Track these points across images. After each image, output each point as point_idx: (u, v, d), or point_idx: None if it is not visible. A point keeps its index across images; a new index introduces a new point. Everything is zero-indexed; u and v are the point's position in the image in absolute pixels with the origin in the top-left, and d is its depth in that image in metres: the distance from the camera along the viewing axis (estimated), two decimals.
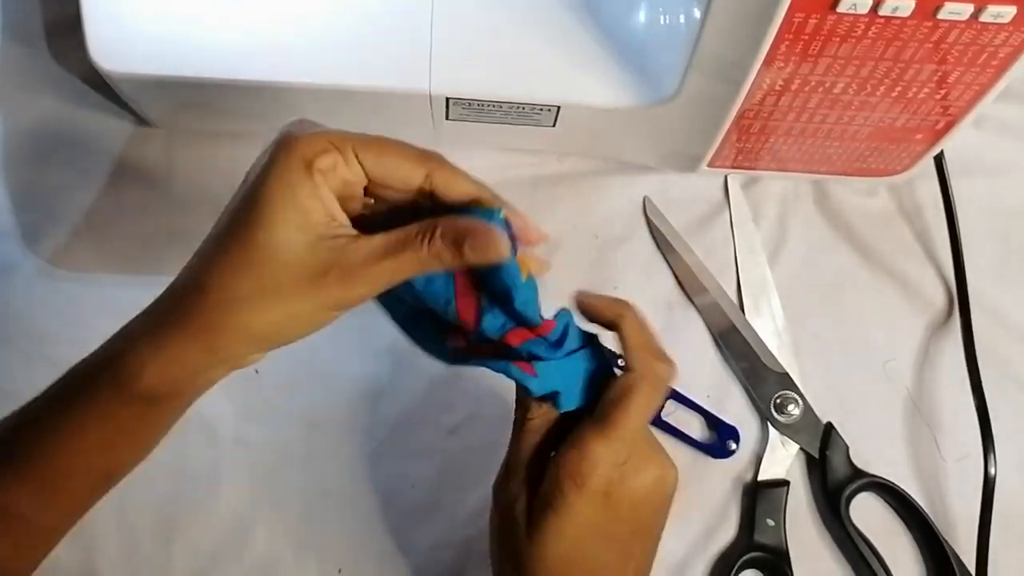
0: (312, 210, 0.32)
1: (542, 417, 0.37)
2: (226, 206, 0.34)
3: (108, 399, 0.33)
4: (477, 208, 0.34)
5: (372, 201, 0.35)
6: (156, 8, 0.48)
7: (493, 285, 0.34)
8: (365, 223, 0.34)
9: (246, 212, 0.32)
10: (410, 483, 0.51)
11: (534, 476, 0.37)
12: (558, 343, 0.36)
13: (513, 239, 0.33)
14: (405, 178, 0.34)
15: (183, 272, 0.33)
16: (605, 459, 0.35)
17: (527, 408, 0.37)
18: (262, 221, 0.31)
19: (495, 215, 0.33)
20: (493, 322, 0.35)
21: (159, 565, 0.50)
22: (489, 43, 0.48)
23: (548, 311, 0.37)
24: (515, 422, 0.38)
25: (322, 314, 0.33)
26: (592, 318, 0.38)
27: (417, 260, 0.32)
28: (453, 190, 0.34)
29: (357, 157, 0.33)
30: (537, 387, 0.35)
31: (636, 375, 0.36)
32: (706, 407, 0.53)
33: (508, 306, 0.34)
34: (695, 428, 0.53)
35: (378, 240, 0.33)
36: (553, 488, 0.35)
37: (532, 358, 0.36)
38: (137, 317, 0.34)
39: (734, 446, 0.52)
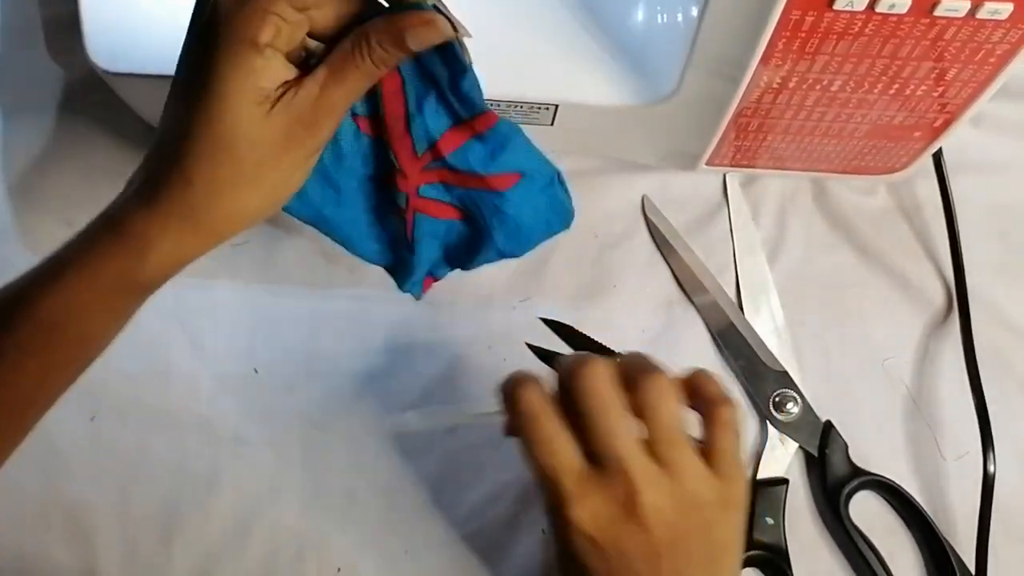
0: (265, 83, 0.32)
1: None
2: (172, 94, 0.34)
3: (110, 292, 0.34)
4: (408, 4, 0.33)
5: (316, 44, 0.34)
6: (154, 8, 0.48)
7: (439, 70, 0.34)
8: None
9: (205, 102, 0.32)
10: (410, 481, 0.51)
11: None
12: (494, 153, 0.35)
13: (452, 22, 0.33)
14: (341, 15, 0.33)
15: (157, 162, 0.34)
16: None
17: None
18: (223, 108, 0.32)
19: (425, 4, 0.33)
20: (428, 121, 0.34)
21: (159, 564, 0.50)
22: (487, 42, 0.48)
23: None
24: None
25: (302, 166, 0.34)
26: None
27: (363, 73, 0.32)
28: None
29: (294, 7, 0.32)
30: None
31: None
32: None
33: (455, 91, 0.34)
34: (694, 427, 0.53)
35: (320, 72, 0.33)
36: None
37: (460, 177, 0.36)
38: (122, 209, 0.34)
39: None
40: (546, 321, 0.54)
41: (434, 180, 0.37)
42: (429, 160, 0.36)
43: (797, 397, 0.52)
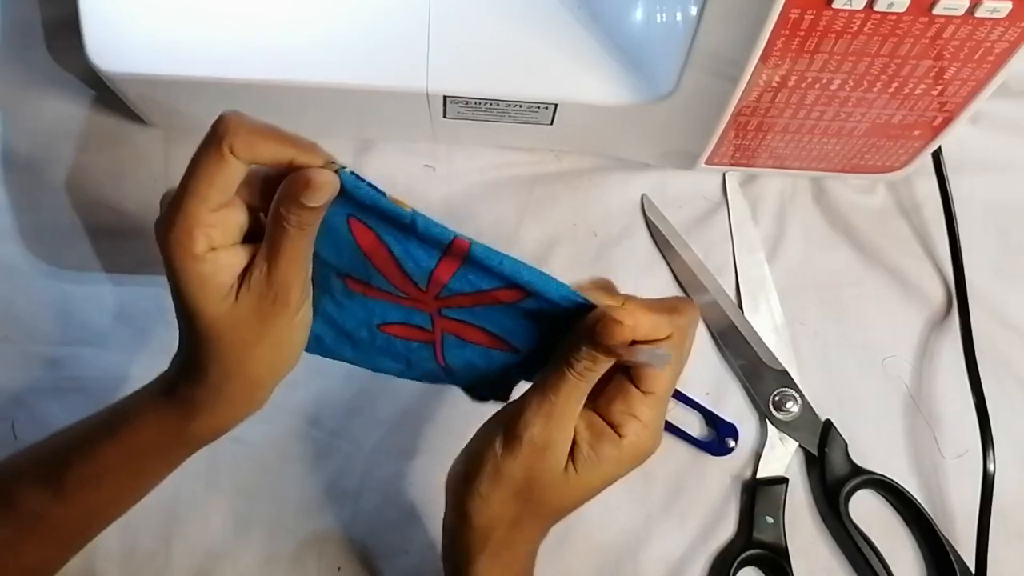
0: (222, 279, 0.34)
1: (600, 371, 0.37)
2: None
3: (162, 445, 0.39)
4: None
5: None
6: (153, 8, 0.48)
7: (391, 226, 0.35)
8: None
9: (185, 314, 0.35)
10: (409, 481, 0.51)
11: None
12: (485, 272, 0.35)
13: (370, 185, 0.34)
14: (223, 184, 0.34)
15: (180, 346, 0.38)
16: (654, 424, 0.37)
17: (591, 359, 0.36)
18: (199, 317, 0.35)
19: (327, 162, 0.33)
20: (418, 260, 0.35)
21: (158, 564, 0.50)
22: (486, 41, 0.48)
23: None
24: (563, 372, 0.36)
25: (292, 325, 0.37)
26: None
27: (291, 238, 0.34)
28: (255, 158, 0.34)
29: (214, 215, 0.33)
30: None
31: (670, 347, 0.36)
32: (705, 405, 0.53)
33: (416, 234, 0.34)
34: (694, 426, 0.53)
35: (263, 248, 0.35)
36: (612, 451, 0.36)
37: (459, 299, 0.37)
38: (172, 375, 0.39)
39: (733, 444, 0.52)
40: None
41: (452, 305, 0.37)
42: (437, 291, 0.37)
43: (797, 396, 0.52)
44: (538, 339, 0.38)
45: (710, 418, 0.52)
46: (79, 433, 0.40)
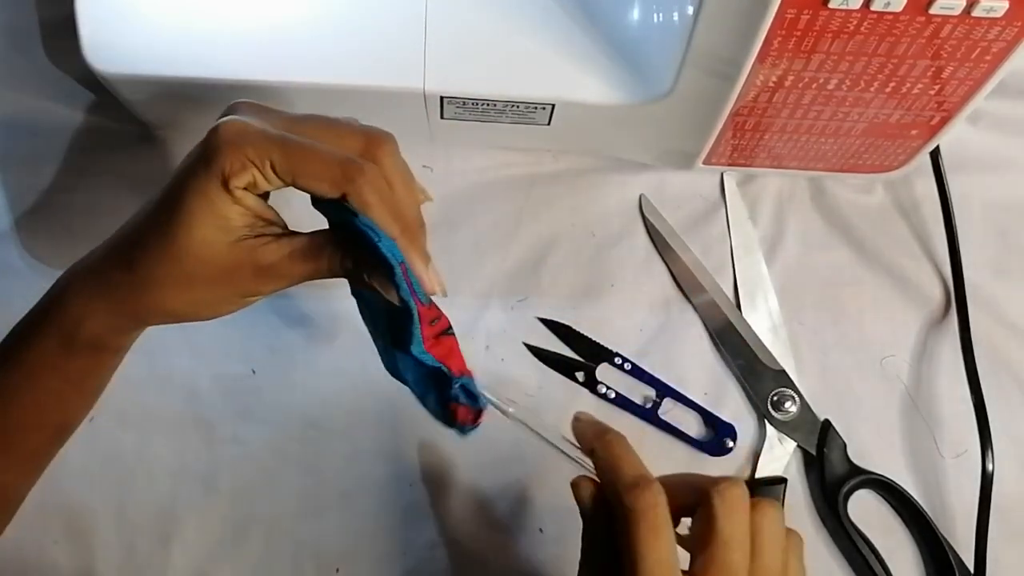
0: (233, 217, 0.34)
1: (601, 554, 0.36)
2: (163, 187, 0.36)
3: (55, 351, 0.37)
4: (381, 252, 0.34)
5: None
6: (151, 10, 0.48)
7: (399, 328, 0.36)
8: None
9: (169, 212, 0.34)
10: (408, 482, 0.51)
11: None
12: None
13: (412, 288, 0.35)
14: (322, 193, 0.35)
15: (114, 241, 0.37)
16: None
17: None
18: (181, 224, 0.34)
19: (395, 264, 0.35)
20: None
21: (157, 565, 0.50)
22: (483, 41, 0.48)
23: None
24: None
25: (235, 300, 0.37)
26: (578, 439, 0.39)
27: (329, 269, 0.35)
28: (367, 213, 0.35)
29: (275, 171, 0.34)
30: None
31: (619, 515, 0.34)
32: (703, 405, 0.53)
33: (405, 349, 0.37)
34: (692, 426, 0.53)
35: (298, 243, 0.35)
36: None
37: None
38: (71, 273, 0.38)
39: (731, 444, 0.52)
40: (544, 321, 0.54)
41: None
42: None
43: (795, 396, 0.52)
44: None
45: (708, 418, 0.52)
46: None
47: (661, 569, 0.32)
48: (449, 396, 0.38)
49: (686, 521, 0.37)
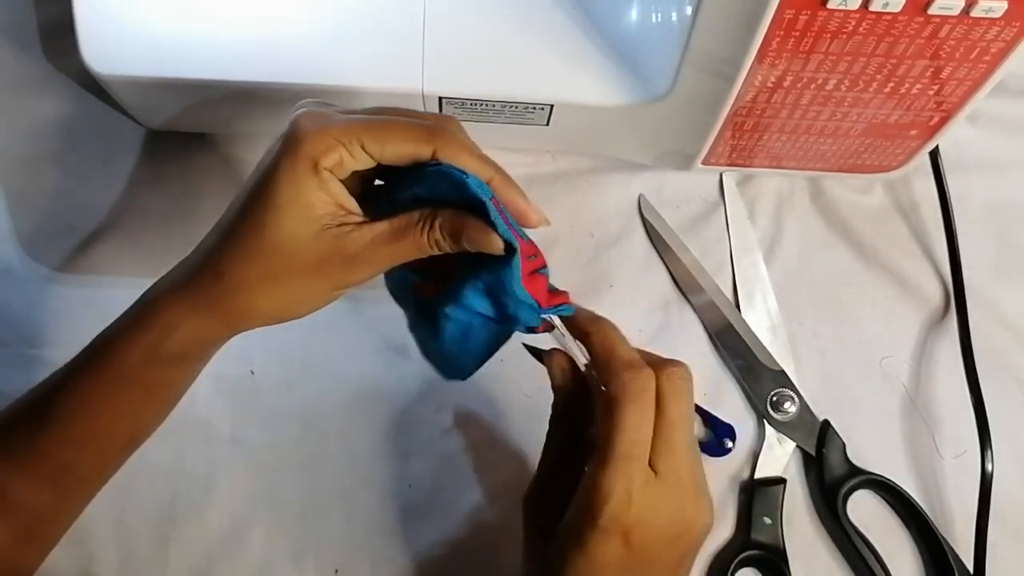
0: (318, 204, 0.34)
1: (559, 415, 0.38)
2: (238, 194, 0.36)
3: (137, 366, 0.36)
4: (471, 189, 0.34)
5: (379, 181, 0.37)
6: (148, 11, 0.48)
7: (493, 278, 0.35)
8: (373, 193, 0.36)
9: (257, 207, 0.34)
10: (407, 483, 0.51)
11: (558, 484, 0.37)
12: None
13: (508, 223, 0.35)
14: (411, 158, 0.35)
15: (199, 254, 0.36)
16: (612, 488, 0.33)
17: (554, 410, 0.37)
18: (271, 218, 0.34)
19: (486, 199, 0.34)
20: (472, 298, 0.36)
21: (156, 566, 0.50)
22: (481, 42, 0.48)
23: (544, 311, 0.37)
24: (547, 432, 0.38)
25: (326, 294, 0.36)
26: (569, 328, 0.38)
27: (416, 247, 0.35)
28: (459, 160, 0.35)
29: (364, 148, 0.34)
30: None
31: (610, 393, 0.34)
32: (703, 405, 0.52)
33: (498, 298, 0.36)
34: None
35: (381, 227, 0.35)
36: (571, 523, 0.34)
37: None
38: (153, 291, 0.37)
39: (731, 444, 0.52)
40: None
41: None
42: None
43: (794, 396, 0.52)
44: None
45: (707, 419, 0.52)
46: (58, 379, 0.38)
47: (639, 450, 0.33)
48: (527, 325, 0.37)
49: None
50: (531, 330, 0.38)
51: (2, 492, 0.36)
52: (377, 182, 0.38)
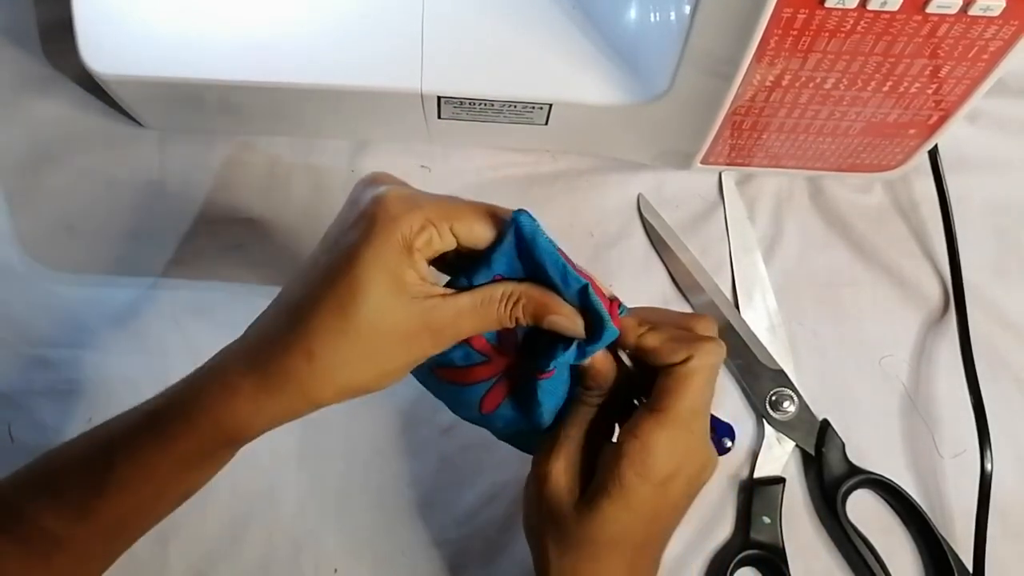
0: (408, 281, 0.34)
1: (599, 395, 0.39)
2: (306, 269, 0.35)
3: (211, 443, 0.35)
4: (562, 273, 0.36)
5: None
6: (148, 11, 0.48)
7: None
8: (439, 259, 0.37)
9: (346, 285, 0.33)
10: (406, 482, 0.51)
11: (581, 455, 0.39)
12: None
13: (607, 301, 0.36)
14: (488, 238, 0.36)
15: (278, 329, 0.35)
16: (665, 448, 0.36)
17: (588, 385, 0.39)
18: (362, 294, 0.33)
19: (575, 286, 0.36)
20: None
21: (156, 566, 0.50)
22: (480, 42, 0.48)
23: None
24: (574, 399, 0.39)
25: (409, 365, 0.37)
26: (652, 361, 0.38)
27: (497, 321, 0.36)
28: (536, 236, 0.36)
29: (451, 229, 0.35)
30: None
31: (692, 363, 0.36)
32: None
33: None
34: None
35: (465, 300, 0.35)
36: (612, 475, 0.36)
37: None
38: (231, 362, 0.36)
39: (730, 444, 0.51)
40: None
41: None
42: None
43: (794, 396, 0.52)
44: None
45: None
46: (119, 433, 0.37)
47: (697, 415, 0.37)
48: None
49: None
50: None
51: (57, 542, 0.36)
52: None
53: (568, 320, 0.36)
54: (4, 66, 0.58)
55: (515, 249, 0.36)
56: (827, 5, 0.40)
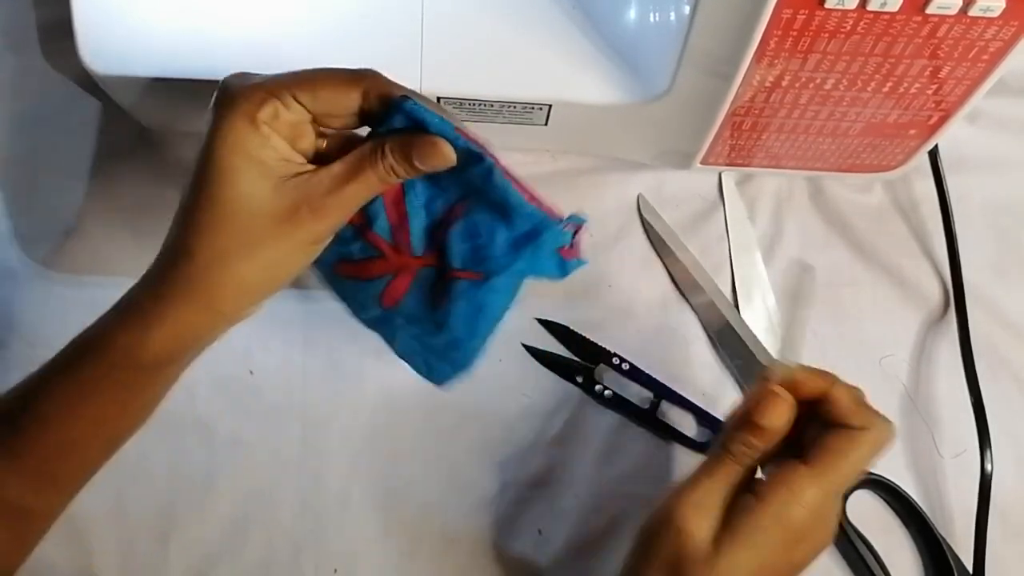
0: (266, 158, 0.34)
1: (758, 453, 0.37)
2: (192, 173, 0.35)
3: (118, 369, 0.35)
4: (431, 122, 0.35)
5: (324, 143, 0.37)
6: (148, 11, 0.48)
7: (489, 198, 0.37)
8: (325, 161, 0.36)
9: (207, 174, 0.34)
10: (406, 482, 0.51)
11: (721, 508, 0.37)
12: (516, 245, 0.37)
13: (478, 143, 0.35)
14: (344, 104, 0.35)
15: (167, 242, 0.35)
16: (811, 504, 0.35)
17: (749, 442, 0.37)
18: (223, 180, 0.33)
19: (447, 127, 0.35)
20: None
21: (156, 566, 0.50)
22: (480, 42, 0.48)
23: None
24: (715, 454, 0.38)
25: (303, 250, 0.36)
26: (797, 391, 0.38)
27: (376, 177, 0.35)
28: (393, 90, 0.35)
29: (296, 99, 0.34)
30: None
31: (864, 432, 0.36)
32: (701, 406, 0.53)
33: (507, 216, 0.37)
34: (690, 427, 0.53)
35: (337, 166, 0.35)
36: (750, 519, 0.35)
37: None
38: (133, 289, 0.36)
39: None
40: (541, 322, 0.54)
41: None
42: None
43: None
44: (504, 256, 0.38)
45: (706, 419, 0.52)
46: (36, 381, 0.37)
47: (847, 481, 0.37)
48: (559, 242, 0.38)
49: None
50: (562, 267, 0.39)
51: None
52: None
53: (433, 147, 0.34)
54: (3, 66, 0.57)
55: (401, 110, 0.35)
56: (827, 6, 0.40)
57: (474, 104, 0.49)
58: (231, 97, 0.34)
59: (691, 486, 0.37)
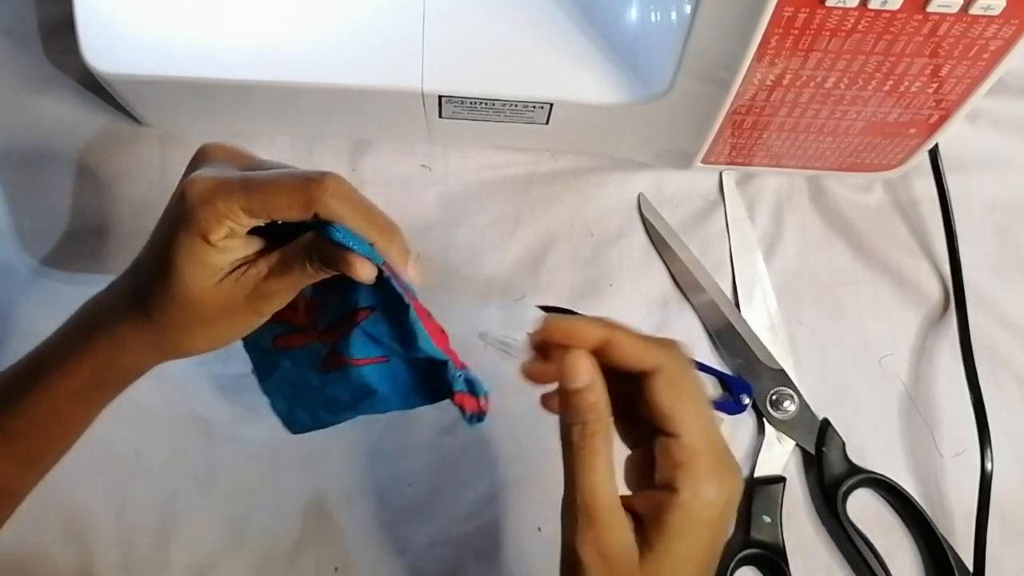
0: (218, 263, 0.37)
1: (598, 415, 0.36)
2: (155, 229, 0.38)
3: (88, 385, 0.40)
4: (354, 240, 0.36)
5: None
6: (149, 10, 0.48)
7: (397, 324, 0.38)
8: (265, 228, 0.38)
9: (164, 269, 0.37)
10: (406, 481, 0.51)
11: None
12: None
13: (398, 279, 0.37)
14: (295, 218, 0.37)
15: (135, 283, 0.39)
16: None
17: (579, 418, 0.36)
18: (178, 280, 0.37)
19: (361, 246, 0.36)
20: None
21: (156, 565, 0.50)
22: (481, 41, 0.48)
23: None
24: (571, 453, 0.37)
25: (246, 323, 0.40)
26: (578, 342, 0.36)
27: (304, 273, 0.37)
28: (342, 222, 0.37)
29: (250, 212, 0.36)
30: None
31: (678, 493, 0.34)
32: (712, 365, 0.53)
33: (411, 348, 0.38)
34: (706, 389, 0.52)
35: (273, 259, 0.38)
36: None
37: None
38: (99, 309, 0.40)
39: (747, 400, 0.52)
40: (544, 308, 0.54)
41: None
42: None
43: (794, 395, 0.52)
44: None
45: (722, 378, 0.52)
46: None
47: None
48: (452, 389, 0.39)
49: None
50: (473, 415, 0.40)
51: None
52: None
53: (354, 271, 0.36)
54: (5, 65, 0.57)
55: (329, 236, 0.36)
56: (828, 4, 0.40)
57: (476, 103, 0.49)
58: (189, 212, 0.36)
59: (567, 496, 0.37)
